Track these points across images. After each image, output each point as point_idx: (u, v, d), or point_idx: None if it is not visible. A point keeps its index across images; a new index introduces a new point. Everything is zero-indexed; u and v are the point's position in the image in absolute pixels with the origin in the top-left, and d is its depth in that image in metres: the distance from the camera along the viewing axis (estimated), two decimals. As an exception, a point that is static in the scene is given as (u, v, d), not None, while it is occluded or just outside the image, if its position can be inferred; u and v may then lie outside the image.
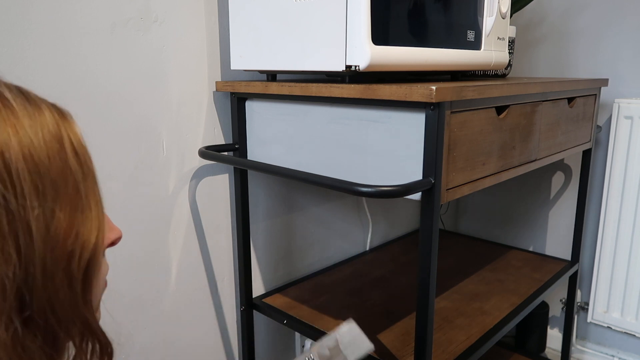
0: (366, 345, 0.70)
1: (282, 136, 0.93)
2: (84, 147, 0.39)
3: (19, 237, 0.34)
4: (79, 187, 0.38)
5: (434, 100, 0.67)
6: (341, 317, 1.04)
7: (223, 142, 1.05)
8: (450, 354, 0.91)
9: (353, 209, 1.41)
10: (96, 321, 0.41)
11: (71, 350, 0.40)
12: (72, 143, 0.38)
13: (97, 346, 0.41)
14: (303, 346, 1.30)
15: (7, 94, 0.36)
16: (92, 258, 0.39)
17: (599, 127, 1.45)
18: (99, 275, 0.41)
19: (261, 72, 0.94)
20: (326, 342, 0.70)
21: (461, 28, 0.88)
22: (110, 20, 0.84)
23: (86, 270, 0.38)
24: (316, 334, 0.99)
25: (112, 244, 0.45)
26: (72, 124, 0.39)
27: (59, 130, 0.37)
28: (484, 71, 1.16)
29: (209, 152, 0.95)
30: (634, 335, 1.47)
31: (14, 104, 0.36)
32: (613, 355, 1.53)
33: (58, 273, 0.36)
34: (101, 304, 0.45)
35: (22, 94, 0.37)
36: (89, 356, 0.41)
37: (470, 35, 0.90)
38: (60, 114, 0.39)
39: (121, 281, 0.92)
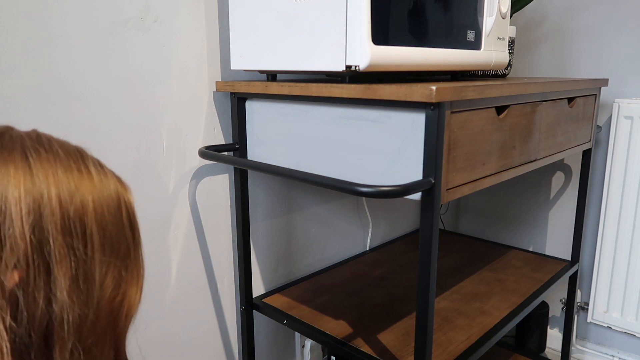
0: None
1: (282, 136, 0.93)
2: (136, 219, 0.46)
3: (80, 282, 0.40)
4: (129, 252, 0.44)
5: (434, 100, 0.67)
6: (341, 317, 1.04)
7: (223, 142, 1.05)
8: (450, 354, 0.91)
9: (353, 209, 1.41)
10: (125, 352, 0.48)
11: None
12: (128, 212, 0.45)
13: None
14: (303, 346, 1.30)
15: (88, 161, 0.43)
16: (134, 313, 0.46)
17: (599, 127, 1.45)
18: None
19: (261, 72, 0.94)
20: None
21: (461, 28, 0.88)
22: (110, 20, 0.84)
23: (127, 321, 0.46)
24: (316, 334, 0.99)
25: None
26: (130, 196, 0.46)
27: (119, 199, 0.44)
28: (484, 71, 1.16)
29: (209, 152, 0.95)
30: (634, 335, 1.47)
31: (92, 170, 0.43)
32: (613, 355, 1.53)
33: (106, 318, 0.42)
34: None
35: (99, 162, 0.45)
36: None
37: (470, 35, 0.90)
38: (122, 184, 0.45)
39: (121, 281, 0.92)
